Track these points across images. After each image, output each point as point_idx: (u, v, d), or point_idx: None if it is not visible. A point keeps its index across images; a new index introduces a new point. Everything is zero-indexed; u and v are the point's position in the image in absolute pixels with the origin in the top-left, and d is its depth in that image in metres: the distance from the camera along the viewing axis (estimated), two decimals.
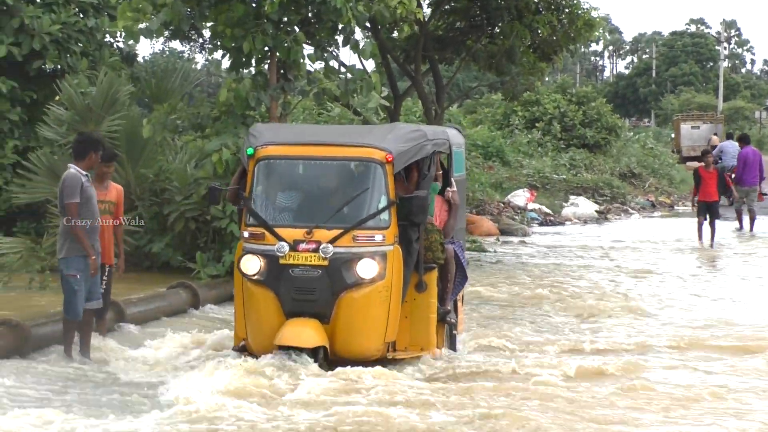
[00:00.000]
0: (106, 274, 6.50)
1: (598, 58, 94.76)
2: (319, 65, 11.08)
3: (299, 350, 5.51)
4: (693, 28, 78.09)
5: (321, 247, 5.57)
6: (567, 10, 13.83)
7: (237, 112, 9.63)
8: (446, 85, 14.60)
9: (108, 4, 11.73)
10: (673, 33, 76.32)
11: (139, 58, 15.79)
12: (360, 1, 9.17)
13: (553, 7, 13.56)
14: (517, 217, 17.21)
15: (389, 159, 5.74)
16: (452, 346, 6.73)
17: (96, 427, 4.42)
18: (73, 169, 5.99)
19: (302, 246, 5.60)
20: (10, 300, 8.45)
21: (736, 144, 17.29)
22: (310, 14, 9.89)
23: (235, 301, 6.03)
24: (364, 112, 14.78)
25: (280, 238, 5.61)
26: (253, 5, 9.43)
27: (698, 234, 13.55)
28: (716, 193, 13.24)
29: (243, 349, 5.87)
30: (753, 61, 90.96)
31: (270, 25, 9.20)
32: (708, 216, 13.33)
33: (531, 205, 18.39)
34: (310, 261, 5.61)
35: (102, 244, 6.24)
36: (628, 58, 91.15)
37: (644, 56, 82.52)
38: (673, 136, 35.75)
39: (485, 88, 24.70)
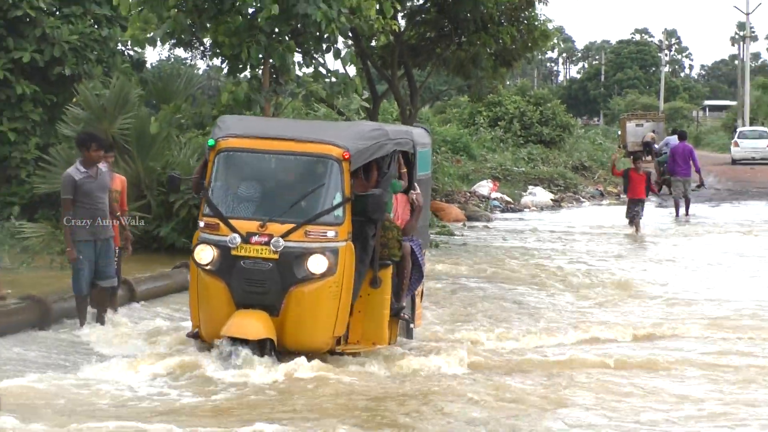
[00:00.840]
0: (117, 254, 6.45)
1: (553, 64, 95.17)
2: (307, 70, 11.04)
3: (245, 342, 4.97)
4: (638, 36, 78.62)
5: (272, 240, 5.05)
6: (525, 22, 13.78)
7: (235, 112, 9.58)
8: (419, 88, 14.50)
9: (120, 16, 11.61)
10: (620, 41, 76.78)
11: (148, 65, 15.67)
12: (342, 14, 9.13)
13: (513, 19, 13.50)
14: (481, 205, 17.24)
15: (346, 156, 5.20)
16: (407, 335, 6.30)
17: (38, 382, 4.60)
18: (71, 168, 6.00)
19: (254, 239, 5.07)
20: (34, 278, 8.49)
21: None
22: (299, 26, 9.80)
23: (189, 289, 5.54)
24: (347, 112, 14.79)
25: (233, 230, 5.09)
26: (248, 18, 9.36)
27: (632, 222, 13.62)
28: (643, 192, 13.40)
29: (196, 336, 5.42)
30: (691, 66, 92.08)
31: (263, 36, 9.21)
32: (636, 209, 13.48)
33: (494, 194, 18.40)
34: (261, 254, 5.07)
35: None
36: (580, 64, 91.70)
37: (594, 62, 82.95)
38: (619, 133, 35.91)
39: (453, 91, 24.57)
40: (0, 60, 11.48)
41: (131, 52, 13.51)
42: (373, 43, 13.59)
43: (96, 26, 12.36)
